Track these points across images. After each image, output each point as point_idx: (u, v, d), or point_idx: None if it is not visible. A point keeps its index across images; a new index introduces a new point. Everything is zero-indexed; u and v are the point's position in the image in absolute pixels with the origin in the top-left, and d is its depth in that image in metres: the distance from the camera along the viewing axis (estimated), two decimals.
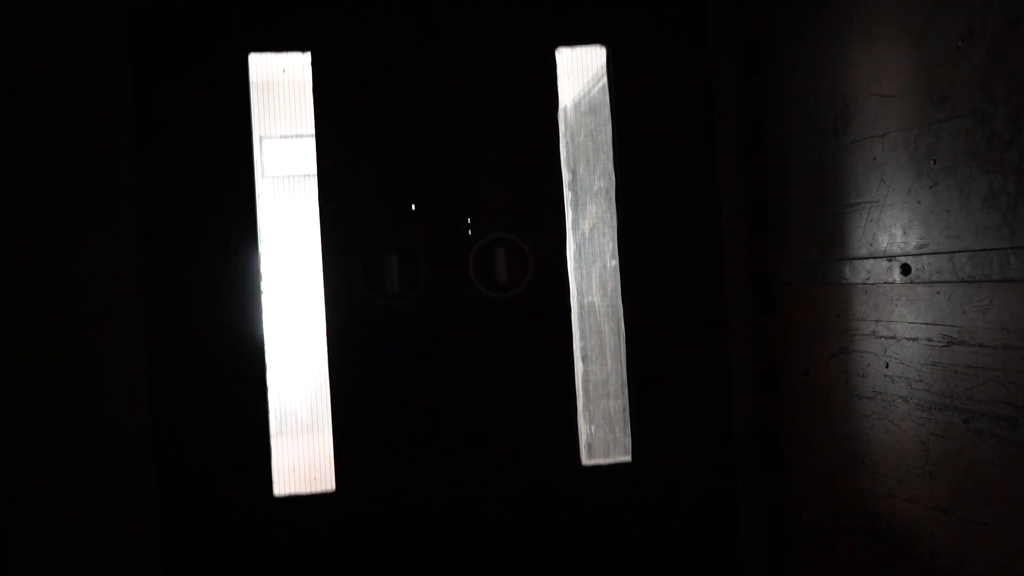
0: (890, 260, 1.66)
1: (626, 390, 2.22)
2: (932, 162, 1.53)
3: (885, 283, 1.69)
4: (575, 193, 2.34)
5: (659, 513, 2.22)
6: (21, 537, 1.98)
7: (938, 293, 1.54)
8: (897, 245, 1.63)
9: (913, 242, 1.59)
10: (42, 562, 1.99)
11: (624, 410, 2.22)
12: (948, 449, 1.54)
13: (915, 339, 1.62)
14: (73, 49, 2.00)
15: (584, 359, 2.30)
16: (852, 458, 1.83)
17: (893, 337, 1.68)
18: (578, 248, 2.37)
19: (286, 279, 2.28)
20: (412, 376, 2.14)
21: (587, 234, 2.35)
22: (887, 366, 1.71)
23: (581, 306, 2.33)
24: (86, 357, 2.01)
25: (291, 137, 2.28)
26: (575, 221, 2.33)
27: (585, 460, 2.20)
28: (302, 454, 2.19)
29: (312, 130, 2.13)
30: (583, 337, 2.30)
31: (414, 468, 2.13)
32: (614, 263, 2.23)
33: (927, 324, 1.58)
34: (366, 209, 2.13)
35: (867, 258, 1.73)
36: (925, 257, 1.56)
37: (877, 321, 1.73)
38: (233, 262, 2.08)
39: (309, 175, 2.21)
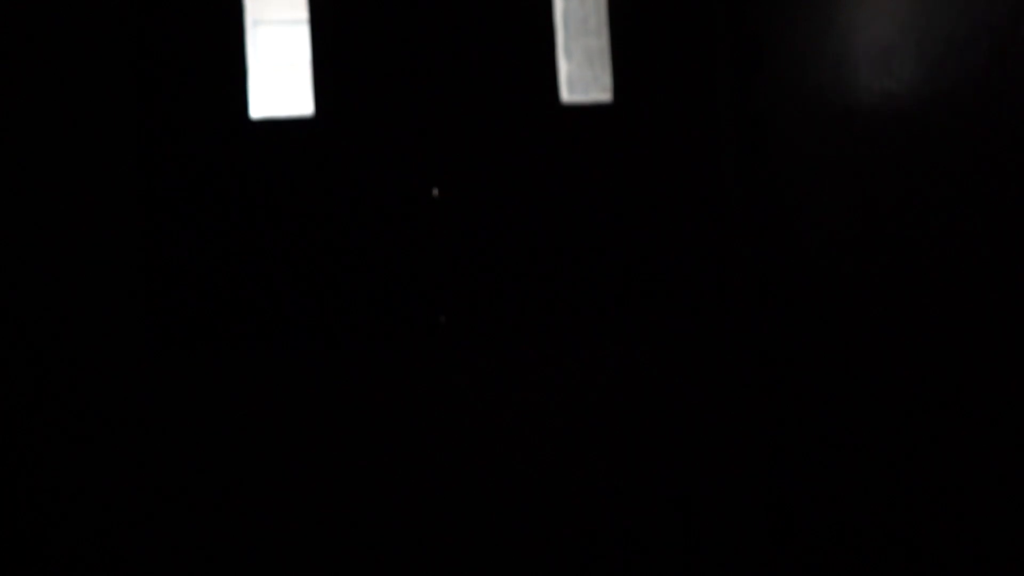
0: None
1: (607, 28, 2.18)
2: None
3: None
4: None
5: (640, 153, 2.27)
6: None
7: None
8: None
9: None
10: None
11: (605, 49, 2.20)
12: None
13: None
14: None
15: None
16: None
17: None
18: None
19: None
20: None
21: None
22: None
23: None
24: None
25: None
26: None
27: (565, 98, 2.21)
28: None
29: None
30: None
31: (390, 92, 2.10)
32: None
33: None
34: None
35: None
36: None
37: None
38: None
39: None
